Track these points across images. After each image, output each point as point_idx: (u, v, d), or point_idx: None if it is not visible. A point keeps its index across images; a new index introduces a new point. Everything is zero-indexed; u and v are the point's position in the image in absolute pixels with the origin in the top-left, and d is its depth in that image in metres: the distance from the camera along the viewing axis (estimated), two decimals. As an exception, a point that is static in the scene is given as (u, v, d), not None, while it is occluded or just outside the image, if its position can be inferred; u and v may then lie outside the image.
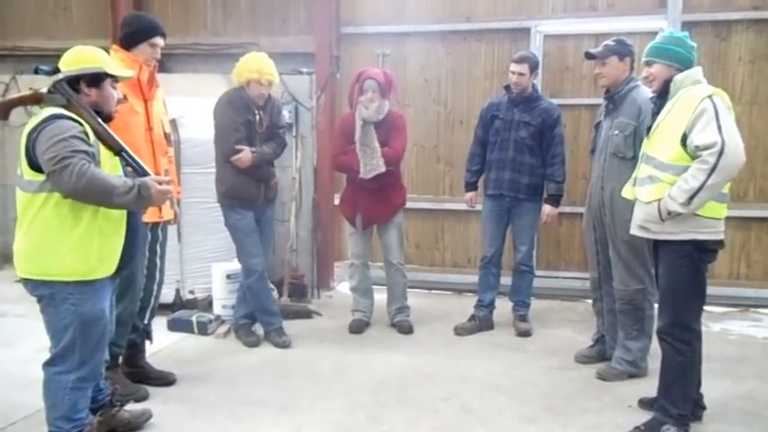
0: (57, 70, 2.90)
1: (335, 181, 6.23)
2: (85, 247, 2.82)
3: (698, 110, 3.06)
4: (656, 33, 5.38)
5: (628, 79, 3.97)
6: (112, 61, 3.09)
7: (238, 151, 4.35)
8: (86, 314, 2.86)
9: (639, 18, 5.52)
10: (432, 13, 5.92)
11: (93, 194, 2.70)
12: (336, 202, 6.19)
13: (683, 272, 3.20)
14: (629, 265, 3.94)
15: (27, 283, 2.89)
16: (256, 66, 4.37)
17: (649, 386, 3.57)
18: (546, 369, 4.25)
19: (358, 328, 5.00)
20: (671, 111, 3.20)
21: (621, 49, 3.97)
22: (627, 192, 3.46)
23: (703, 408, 3.46)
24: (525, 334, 4.86)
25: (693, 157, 3.07)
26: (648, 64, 3.35)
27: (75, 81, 2.89)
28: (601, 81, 4.08)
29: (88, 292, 2.86)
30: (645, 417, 3.37)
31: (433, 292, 5.97)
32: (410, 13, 5.98)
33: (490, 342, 4.77)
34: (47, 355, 3.02)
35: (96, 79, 2.94)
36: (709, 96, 3.09)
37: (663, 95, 3.29)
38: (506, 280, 5.10)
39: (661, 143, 3.21)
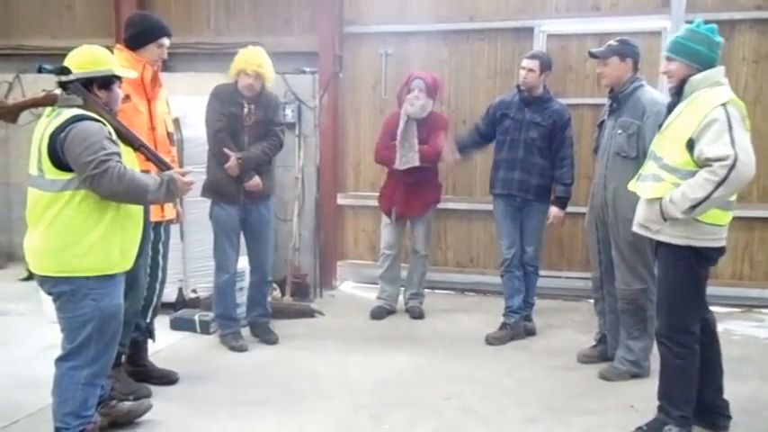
0: (63, 69, 2.90)
1: (338, 180, 6.25)
2: (108, 242, 2.90)
3: (709, 117, 2.96)
4: (659, 33, 5.45)
5: (632, 79, 3.96)
6: (117, 61, 3.11)
7: (220, 143, 4.35)
8: (106, 309, 2.92)
9: (643, 18, 5.50)
10: (435, 12, 5.91)
11: (129, 194, 2.85)
12: (339, 201, 6.24)
13: (680, 274, 3.16)
14: (632, 265, 3.93)
15: (46, 280, 2.92)
16: (245, 57, 4.37)
17: (651, 386, 3.54)
18: (548, 369, 4.24)
19: (379, 314, 5.25)
20: (682, 112, 3.11)
21: (623, 50, 3.95)
22: (631, 186, 3.41)
23: (729, 417, 3.38)
24: (529, 333, 4.85)
25: (698, 164, 3.00)
26: (668, 59, 3.22)
27: (87, 83, 2.92)
28: (603, 81, 4.08)
29: (108, 287, 2.93)
30: (647, 417, 3.35)
31: (435, 291, 5.96)
32: (413, 12, 5.97)
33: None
34: (50, 354, 3.05)
35: (107, 82, 2.99)
36: (724, 105, 2.98)
37: (678, 94, 3.19)
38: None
39: (669, 144, 3.14)
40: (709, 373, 3.32)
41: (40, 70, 2.95)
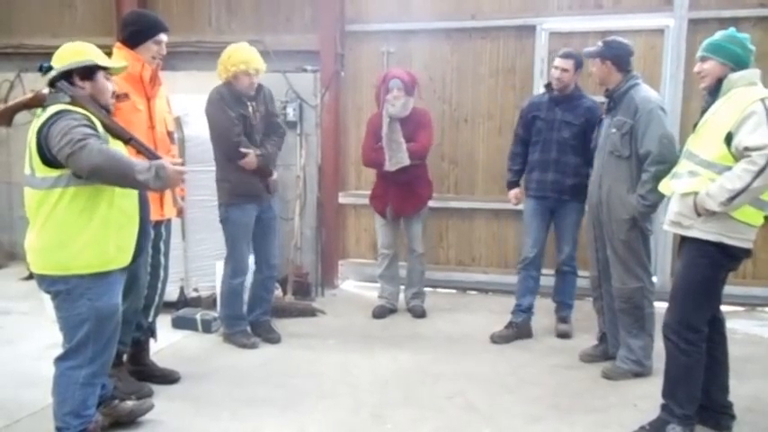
0: (50, 68, 2.92)
1: (340, 179, 6.25)
2: (102, 239, 2.89)
3: (747, 111, 2.99)
4: (661, 31, 5.43)
5: (627, 78, 3.95)
6: (102, 54, 3.09)
7: (240, 147, 4.35)
8: (102, 308, 2.92)
9: (645, 15, 5.48)
10: (437, 10, 5.89)
11: (114, 170, 2.73)
12: (341, 200, 6.23)
13: (700, 271, 3.16)
14: (627, 264, 3.93)
15: (44, 279, 2.93)
16: (242, 57, 4.34)
17: (654, 385, 3.55)
18: (551, 368, 4.23)
19: (381, 313, 5.28)
20: (720, 109, 3.13)
21: (604, 52, 3.96)
22: (664, 186, 3.41)
23: (733, 417, 3.38)
24: (565, 336, 4.77)
25: (736, 158, 3.01)
26: (703, 59, 3.25)
27: (68, 75, 2.92)
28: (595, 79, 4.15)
29: (104, 286, 2.92)
30: (650, 416, 3.35)
31: (437, 290, 5.96)
32: (415, 10, 5.96)
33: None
34: (52, 353, 3.05)
35: (88, 72, 2.97)
36: (762, 99, 3.01)
37: (714, 93, 3.21)
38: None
39: (705, 141, 3.14)
40: (716, 372, 3.32)
41: (41, 69, 2.95)
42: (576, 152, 4.61)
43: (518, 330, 4.75)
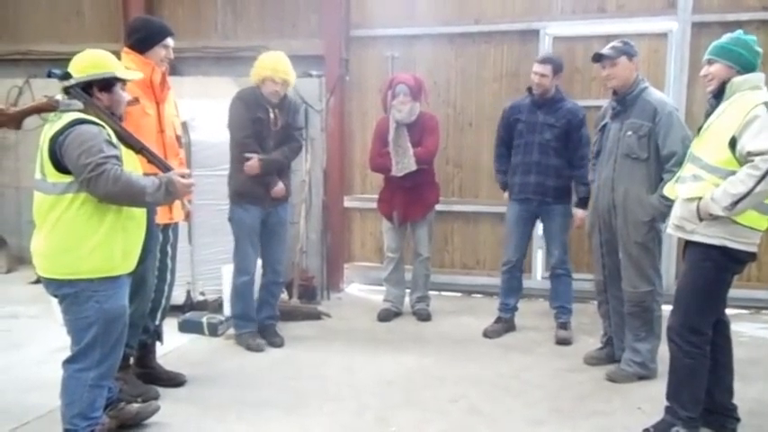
0: (67, 75, 2.94)
1: (345, 183, 6.27)
2: (110, 244, 2.92)
3: (750, 115, 2.99)
4: (665, 35, 5.45)
5: (637, 80, 3.95)
6: (120, 64, 3.14)
7: (246, 148, 4.37)
8: (110, 311, 2.94)
9: (649, 19, 5.50)
10: (440, 15, 5.93)
11: (126, 196, 2.86)
12: (346, 204, 6.26)
13: (703, 274, 3.16)
14: (641, 267, 3.93)
15: (51, 283, 2.96)
16: (272, 64, 4.40)
17: (659, 388, 3.55)
18: (555, 371, 4.24)
19: (386, 316, 5.31)
20: (723, 113, 3.13)
21: (630, 50, 3.95)
22: (668, 190, 3.42)
23: (737, 419, 3.38)
24: (565, 342, 4.71)
25: (740, 162, 3.01)
26: (709, 62, 3.24)
27: (87, 86, 2.96)
28: (610, 83, 3.99)
29: (111, 289, 2.95)
30: (655, 419, 3.35)
31: (442, 293, 5.97)
32: (419, 15, 5.99)
33: (499, 344, 4.77)
34: (59, 356, 3.07)
35: (108, 84, 3.01)
36: (765, 103, 3.02)
37: (718, 96, 3.21)
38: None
39: (709, 145, 3.15)
40: (721, 375, 3.32)
41: (49, 75, 2.98)
42: (559, 154, 4.66)
43: (507, 325, 4.97)
